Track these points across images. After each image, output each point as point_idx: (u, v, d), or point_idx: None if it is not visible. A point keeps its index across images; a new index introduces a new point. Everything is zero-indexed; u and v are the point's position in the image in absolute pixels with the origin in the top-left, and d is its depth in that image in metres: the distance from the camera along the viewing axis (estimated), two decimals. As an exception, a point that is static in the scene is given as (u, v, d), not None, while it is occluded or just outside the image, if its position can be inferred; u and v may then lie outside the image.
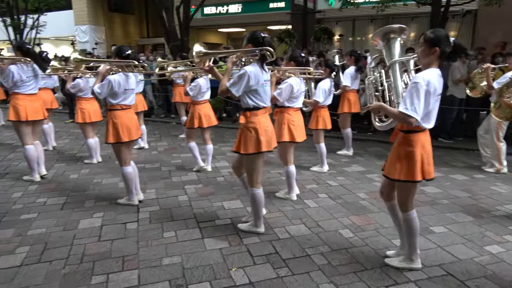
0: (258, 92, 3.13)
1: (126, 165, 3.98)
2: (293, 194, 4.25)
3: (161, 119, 9.77)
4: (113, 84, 3.73)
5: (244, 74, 3.02)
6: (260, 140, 3.14)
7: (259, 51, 3.04)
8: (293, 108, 4.10)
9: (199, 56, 3.25)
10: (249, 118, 3.18)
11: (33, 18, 14.74)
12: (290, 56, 4.02)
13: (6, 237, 3.41)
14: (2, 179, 5.02)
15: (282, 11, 14.87)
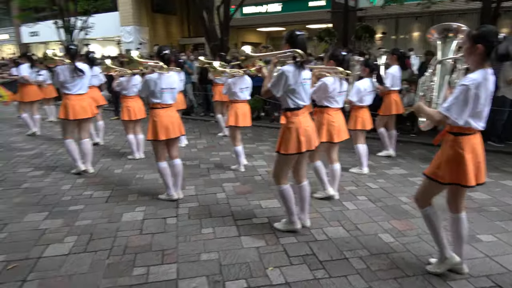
0: (298, 91, 3.12)
1: (160, 161, 4.11)
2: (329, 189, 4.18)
3: (200, 118, 9.95)
4: (149, 83, 3.85)
5: (282, 74, 3.03)
6: (301, 140, 3.13)
7: (291, 53, 3.03)
8: (333, 108, 4.03)
9: (244, 59, 3.30)
10: (290, 118, 3.18)
11: (82, 20, 15.50)
12: (331, 55, 3.96)
13: (56, 226, 3.61)
14: (53, 172, 5.33)
15: (322, 9, 14.68)
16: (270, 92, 3.11)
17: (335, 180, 4.25)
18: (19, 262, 2.98)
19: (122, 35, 19.76)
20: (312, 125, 3.31)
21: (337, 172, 4.22)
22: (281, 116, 3.32)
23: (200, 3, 11.25)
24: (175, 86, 4.11)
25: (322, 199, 4.21)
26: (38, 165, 5.70)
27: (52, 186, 4.75)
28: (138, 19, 19.55)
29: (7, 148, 6.81)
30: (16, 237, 3.41)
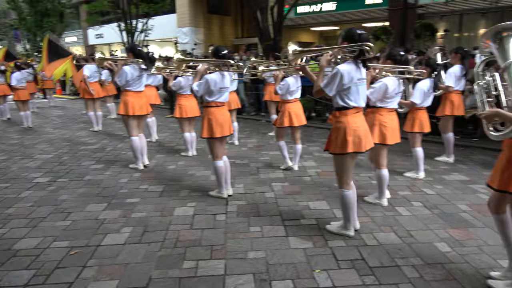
0: (351, 91, 3.03)
1: (217, 159, 4.18)
2: (384, 199, 4.04)
3: (251, 117, 10.05)
4: (210, 82, 3.94)
5: (336, 73, 2.95)
6: (347, 141, 3.05)
7: (358, 47, 2.93)
8: (386, 109, 3.88)
9: (294, 54, 3.25)
10: (339, 117, 3.10)
11: (143, 22, 16.30)
12: (388, 54, 3.81)
13: (114, 217, 3.83)
14: (113, 166, 5.66)
15: (380, 7, 14.18)
16: (322, 92, 3.04)
17: (382, 188, 4.05)
18: (80, 249, 3.20)
19: (179, 36, 20.49)
20: (365, 127, 3.20)
21: (385, 178, 4.00)
22: (330, 115, 3.24)
23: (254, 4, 11.35)
24: (229, 85, 4.20)
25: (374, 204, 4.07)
26: (100, 159, 6.09)
27: (111, 179, 5.05)
28: (194, 20, 20.16)
29: (73, 142, 7.35)
30: (78, 225, 3.67)
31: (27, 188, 4.73)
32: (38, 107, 12.33)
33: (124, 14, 16.05)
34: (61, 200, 4.33)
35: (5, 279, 2.79)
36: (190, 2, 19.74)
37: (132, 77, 5.13)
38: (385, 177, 3.97)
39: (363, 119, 3.21)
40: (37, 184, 4.90)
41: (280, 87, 4.99)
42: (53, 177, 5.15)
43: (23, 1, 22.42)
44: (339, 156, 3.14)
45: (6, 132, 8.65)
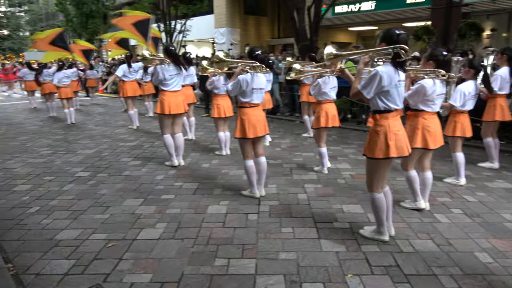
0: (390, 94, 2.94)
1: (247, 159, 4.21)
2: (420, 202, 3.89)
3: (285, 117, 10.02)
4: (241, 83, 3.97)
5: (375, 75, 2.88)
6: (389, 145, 2.96)
7: (393, 49, 2.85)
8: (429, 112, 3.74)
9: (329, 58, 3.20)
10: (379, 121, 3.02)
11: (181, 23, 16.68)
12: (430, 55, 3.66)
13: (150, 212, 3.94)
14: (149, 163, 5.82)
15: (421, 6, 13.71)
16: (360, 94, 2.98)
17: (426, 189, 3.94)
18: (117, 242, 3.32)
19: (216, 36, 20.78)
20: (404, 130, 3.11)
21: (429, 180, 3.91)
22: (369, 118, 3.17)
23: (291, 4, 11.31)
24: (263, 86, 4.20)
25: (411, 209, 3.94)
26: (137, 156, 6.29)
27: (147, 176, 5.20)
28: (231, 21, 20.37)
29: (112, 139, 7.63)
30: (116, 219, 3.81)
31: (70, 182, 4.96)
32: (81, 105, 12.91)
33: (163, 15, 16.49)
34: (101, 194, 4.51)
35: (47, 267, 2.94)
36: (227, 3, 19.97)
37: (164, 76, 5.25)
38: (415, 178, 3.83)
39: (401, 122, 3.12)
40: (78, 178, 5.13)
41: (312, 88, 4.96)
42: (93, 172, 5.38)
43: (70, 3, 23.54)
44: (377, 161, 3.06)
45: (52, 128, 9.12)
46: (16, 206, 4.18)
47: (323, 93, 4.99)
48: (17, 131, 8.70)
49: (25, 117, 10.85)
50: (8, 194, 4.56)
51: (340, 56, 3.23)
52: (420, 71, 3.71)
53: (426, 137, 3.70)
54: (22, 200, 4.35)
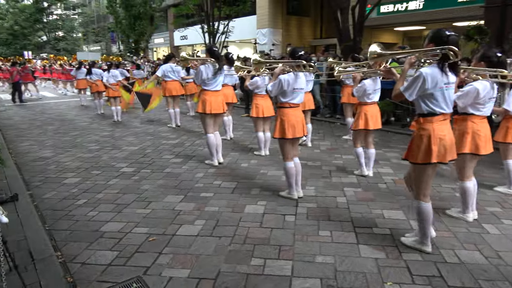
0: (435, 97, 2.82)
1: (288, 160, 4.18)
2: (469, 215, 3.69)
3: (326, 119, 9.88)
4: (283, 83, 3.96)
5: (418, 77, 2.77)
6: (432, 150, 2.84)
7: (440, 50, 2.72)
8: (479, 116, 3.54)
9: (373, 57, 3.12)
10: (423, 124, 2.90)
11: (224, 24, 16.94)
12: (482, 55, 3.46)
13: (189, 209, 4.03)
14: (190, 161, 5.96)
15: (474, 4, 13.01)
16: (401, 95, 2.88)
17: (466, 201, 3.70)
18: (157, 236, 3.42)
19: (258, 37, 20.90)
20: (451, 136, 2.96)
21: (471, 190, 3.65)
22: (413, 122, 3.04)
23: (335, 4, 11.13)
24: (304, 87, 4.17)
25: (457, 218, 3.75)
26: (178, 153, 6.45)
27: (188, 173, 5.32)
28: (273, 21, 20.40)
29: (156, 137, 7.89)
30: (157, 214, 3.93)
31: (115, 177, 5.19)
32: (128, 103, 13.42)
33: (207, 16, 16.82)
34: (143, 189, 4.67)
35: (92, 257, 3.08)
36: (270, 4, 20.02)
37: (207, 76, 5.35)
38: (471, 190, 3.63)
39: (449, 127, 2.97)
40: (123, 173, 5.35)
41: (356, 89, 4.84)
42: (137, 168, 5.58)
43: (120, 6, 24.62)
44: (420, 166, 2.94)
45: (100, 124, 9.58)
46: (65, 197, 4.43)
47: (367, 95, 4.87)
48: (69, 127, 9.22)
49: (75, 114, 11.47)
50: (59, 186, 4.84)
51: (384, 56, 3.14)
52: (472, 72, 3.52)
53: (476, 142, 3.51)
54: (71, 192, 4.60)
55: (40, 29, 41.29)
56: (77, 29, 44.98)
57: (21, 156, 6.39)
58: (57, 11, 43.42)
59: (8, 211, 2.56)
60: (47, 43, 41.28)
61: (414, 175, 3.04)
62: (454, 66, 2.83)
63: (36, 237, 3.31)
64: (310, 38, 22.10)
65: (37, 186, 4.84)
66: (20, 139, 7.76)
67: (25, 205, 4.02)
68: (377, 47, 3.13)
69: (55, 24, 41.45)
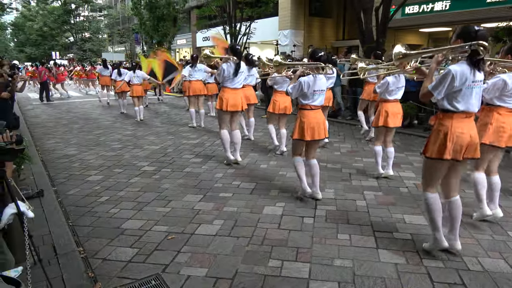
0: (462, 94, 2.74)
1: (296, 156, 4.23)
2: (485, 208, 3.57)
3: (346, 121, 9.78)
4: (303, 85, 3.95)
5: (447, 74, 2.69)
6: (446, 146, 2.77)
7: (469, 46, 2.65)
8: (506, 108, 3.43)
9: (398, 58, 3.07)
10: (442, 120, 2.85)
11: (246, 25, 17.00)
12: (509, 48, 3.38)
13: (208, 209, 4.06)
14: (209, 161, 6.01)
15: (503, 5, 12.61)
16: (430, 94, 2.81)
17: (493, 196, 3.61)
18: (176, 235, 3.46)
19: (279, 38, 20.87)
20: (473, 134, 2.84)
21: (497, 186, 3.56)
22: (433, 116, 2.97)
23: (359, 5, 11.00)
24: (324, 88, 4.14)
25: (482, 221, 3.64)
26: (198, 153, 6.51)
27: (207, 173, 5.36)
28: (295, 23, 20.32)
29: (176, 136, 7.99)
30: (176, 213, 3.98)
31: (136, 175, 5.28)
32: (150, 103, 13.67)
33: (229, 17, 16.92)
34: (163, 188, 4.74)
35: (113, 253, 3.15)
36: (292, 5, 19.95)
37: (229, 74, 5.40)
38: (482, 182, 3.53)
39: (472, 125, 2.86)
40: (144, 172, 5.44)
41: (379, 85, 4.79)
42: (158, 167, 5.67)
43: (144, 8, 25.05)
44: (431, 160, 2.89)
45: (123, 124, 9.77)
46: (88, 194, 4.54)
47: (390, 92, 4.80)
48: (93, 125, 9.45)
49: (99, 113, 11.75)
50: (82, 183, 4.97)
51: (410, 56, 3.09)
52: (500, 64, 3.42)
53: (499, 134, 3.41)
54: (94, 189, 4.72)
55: (68, 30, 42.51)
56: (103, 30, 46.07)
57: (47, 153, 6.60)
58: (84, 12, 44.60)
59: (34, 206, 2.64)
60: (74, 44, 42.44)
61: (426, 167, 3.00)
62: (480, 63, 2.73)
63: (59, 232, 3.40)
64: (332, 39, 21.91)
65: (61, 183, 4.98)
66: (46, 137, 8.01)
67: (50, 201, 4.15)
68: (401, 48, 3.08)
69: (82, 26, 42.59)
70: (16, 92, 5.27)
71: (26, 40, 48.19)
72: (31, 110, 12.72)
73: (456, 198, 3.00)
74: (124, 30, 40.48)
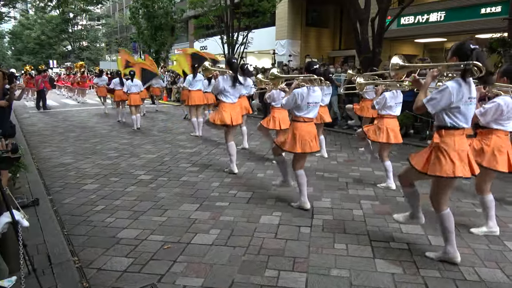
0: (460, 111, 2.79)
1: (298, 169, 4.22)
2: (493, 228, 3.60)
3: (343, 130, 9.81)
4: (297, 97, 3.97)
5: (445, 90, 2.74)
6: (455, 164, 2.80)
7: (464, 66, 2.69)
8: (503, 131, 3.46)
9: (395, 69, 3.11)
10: (444, 137, 2.86)
11: (243, 35, 17.13)
12: (504, 71, 3.41)
13: (204, 218, 4.05)
14: (206, 170, 6.00)
15: (497, 16, 12.80)
16: (424, 108, 2.85)
17: (489, 215, 3.62)
18: (172, 244, 3.44)
19: (276, 48, 21.03)
20: (469, 150, 2.93)
21: (491, 203, 3.57)
22: (434, 134, 2.99)
23: (355, 15, 11.13)
24: (319, 101, 4.16)
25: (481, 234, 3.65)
26: (195, 162, 6.50)
27: (204, 182, 5.35)
28: (292, 33, 20.52)
29: (173, 145, 7.98)
30: (173, 222, 3.96)
31: (132, 184, 5.26)
32: (147, 111, 13.67)
33: (227, 27, 17.05)
34: (160, 197, 4.72)
35: (108, 263, 3.12)
36: (289, 15, 20.17)
37: (225, 87, 5.42)
38: (493, 202, 3.56)
39: (466, 141, 2.94)
40: (140, 181, 5.42)
41: (377, 101, 4.81)
42: (154, 176, 5.65)
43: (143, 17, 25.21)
44: (444, 180, 2.89)
45: (120, 132, 9.76)
46: (84, 203, 4.52)
47: (388, 107, 4.82)
48: (89, 134, 9.43)
49: (96, 122, 11.73)
50: (78, 192, 4.94)
51: (407, 68, 3.12)
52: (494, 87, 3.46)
53: (496, 158, 3.43)
54: (90, 198, 4.69)
55: (65, 39, 42.65)
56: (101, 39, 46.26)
57: (43, 161, 6.57)
58: (82, 21, 44.80)
59: (29, 215, 2.62)
60: (72, 52, 42.54)
61: (437, 188, 3.00)
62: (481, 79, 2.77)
63: (54, 242, 3.37)
64: (329, 49, 22.10)
65: (57, 192, 4.95)
66: (43, 145, 7.98)
67: (45, 210, 4.12)
68: (399, 59, 3.12)
69: (79, 34, 42.75)
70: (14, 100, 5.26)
71: (24, 48, 48.29)
72: (28, 118, 12.70)
73: (449, 211, 3.02)
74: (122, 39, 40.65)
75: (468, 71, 2.69)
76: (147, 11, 24.35)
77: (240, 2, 16.47)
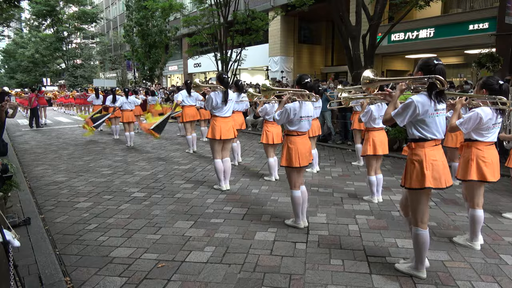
0: (426, 123, 2.88)
1: (295, 189, 4.14)
2: (476, 243, 3.61)
3: (337, 145, 9.85)
4: (289, 112, 3.98)
5: (409, 104, 2.84)
6: (425, 175, 2.86)
7: (428, 79, 2.77)
8: (483, 142, 3.51)
9: (365, 82, 3.17)
10: (414, 150, 2.95)
11: (237, 52, 17.32)
12: (483, 83, 3.48)
13: (199, 235, 4.00)
14: (201, 186, 5.96)
15: (485, 32, 13.12)
16: (392, 120, 2.97)
17: (475, 229, 3.63)
18: (166, 262, 3.39)
19: (269, 64, 21.27)
20: (443, 160, 2.97)
21: (480, 219, 3.59)
22: (404, 147, 3.07)
23: (347, 32, 11.34)
24: (311, 114, 4.19)
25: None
26: (190, 179, 6.47)
27: (198, 199, 5.31)
28: (285, 49, 20.81)
29: (167, 162, 7.94)
30: (167, 240, 3.91)
31: (126, 201, 5.21)
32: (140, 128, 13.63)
33: (220, 45, 17.24)
34: (154, 214, 4.67)
35: (101, 283, 3.06)
36: (282, 33, 20.48)
37: (217, 103, 5.44)
38: (479, 218, 3.57)
39: (442, 153, 3.00)
40: (134, 198, 5.37)
41: (363, 114, 4.89)
42: (148, 193, 5.61)
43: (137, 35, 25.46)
44: (414, 191, 2.96)
45: (113, 149, 9.71)
46: (76, 222, 4.45)
47: (373, 120, 4.90)
48: (83, 151, 9.37)
49: (90, 139, 11.67)
50: (71, 210, 4.88)
51: (375, 82, 3.18)
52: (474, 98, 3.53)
53: (481, 168, 3.47)
54: (83, 216, 4.63)
55: (59, 57, 42.72)
56: (95, 57, 46.45)
57: (35, 180, 6.49)
58: (76, 40, 45.00)
59: (20, 235, 2.58)
60: (66, 70, 42.59)
61: (410, 201, 3.05)
62: (441, 94, 2.87)
63: (46, 262, 3.31)
64: (321, 65, 22.41)
65: (49, 210, 4.89)
66: (35, 163, 7.90)
67: (37, 229, 4.05)
68: (370, 73, 3.17)
69: (74, 53, 42.86)
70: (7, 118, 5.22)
71: (17, 67, 48.29)
72: (20, 136, 12.60)
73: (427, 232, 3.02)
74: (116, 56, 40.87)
75: (432, 84, 2.77)
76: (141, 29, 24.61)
77: (233, 20, 16.70)
